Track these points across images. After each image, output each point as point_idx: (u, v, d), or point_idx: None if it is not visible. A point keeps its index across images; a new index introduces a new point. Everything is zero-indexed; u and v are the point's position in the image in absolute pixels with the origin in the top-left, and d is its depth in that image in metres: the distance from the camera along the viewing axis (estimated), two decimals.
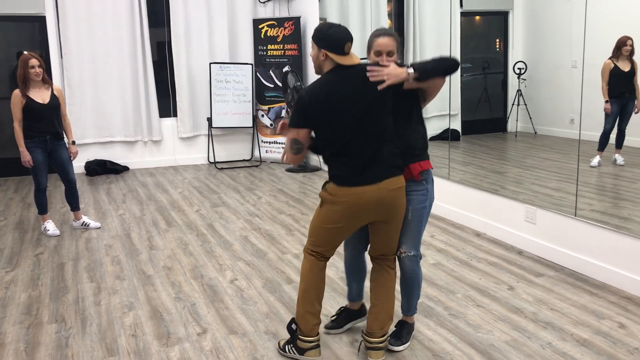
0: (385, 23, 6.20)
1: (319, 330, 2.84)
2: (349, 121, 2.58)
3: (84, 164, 7.88)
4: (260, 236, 4.91)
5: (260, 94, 8.37)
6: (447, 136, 5.27)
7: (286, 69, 8.00)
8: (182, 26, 8.03)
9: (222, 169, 8.07)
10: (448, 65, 2.65)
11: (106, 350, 3.02)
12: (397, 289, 3.59)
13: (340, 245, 3.58)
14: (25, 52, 4.80)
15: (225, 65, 8.11)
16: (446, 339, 3.07)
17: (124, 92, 7.95)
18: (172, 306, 3.55)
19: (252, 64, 8.27)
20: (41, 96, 4.81)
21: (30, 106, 4.75)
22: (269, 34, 8.17)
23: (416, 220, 2.81)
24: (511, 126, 4.56)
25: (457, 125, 5.19)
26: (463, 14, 4.98)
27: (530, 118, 4.35)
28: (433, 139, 5.41)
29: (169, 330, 3.23)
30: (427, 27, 5.47)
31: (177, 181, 7.26)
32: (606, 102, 3.70)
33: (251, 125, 8.28)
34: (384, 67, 2.60)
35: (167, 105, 8.30)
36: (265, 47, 8.24)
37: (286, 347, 2.90)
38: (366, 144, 2.59)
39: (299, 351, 2.84)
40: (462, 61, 5.04)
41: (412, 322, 3.06)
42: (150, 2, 7.98)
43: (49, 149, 4.93)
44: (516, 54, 4.43)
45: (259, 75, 8.34)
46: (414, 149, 2.77)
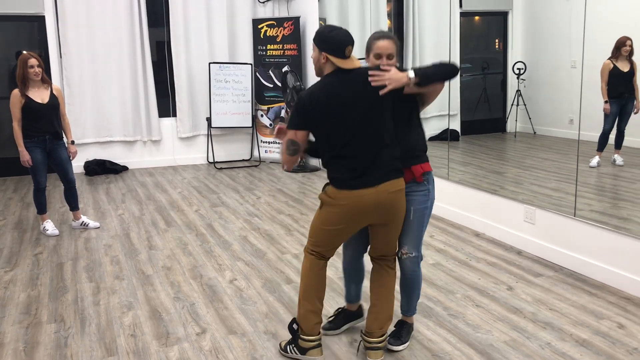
0: (385, 23, 6.20)
1: (320, 330, 2.84)
2: (349, 124, 2.58)
3: (83, 163, 7.88)
4: (260, 236, 4.91)
5: (260, 94, 8.36)
6: (446, 136, 5.27)
7: (285, 69, 8.00)
8: (181, 26, 8.02)
9: (221, 168, 8.07)
10: (448, 70, 2.66)
11: (105, 350, 3.02)
12: (396, 289, 3.59)
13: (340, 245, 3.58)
14: (25, 52, 4.80)
15: (225, 65, 8.11)
16: (445, 339, 3.07)
17: (124, 92, 7.94)
18: (171, 306, 3.55)
19: (251, 64, 8.27)
20: (40, 96, 4.81)
21: (30, 106, 4.74)
22: (268, 34, 8.17)
23: (417, 220, 2.81)
24: (510, 126, 4.56)
25: (456, 125, 5.19)
26: (462, 14, 4.98)
27: (530, 118, 4.35)
28: (432, 139, 5.42)
29: (168, 330, 3.23)
30: (426, 27, 5.47)
31: (176, 181, 7.26)
32: (605, 102, 3.70)
33: (250, 125, 8.28)
34: (385, 72, 2.60)
35: (166, 105, 8.30)
36: (264, 47, 8.23)
37: (288, 347, 2.90)
38: (366, 147, 2.59)
39: (300, 351, 2.84)
40: (462, 61, 5.04)
41: (411, 322, 3.06)
42: (149, 2, 7.98)
43: (48, 148, 4.92)
44: (515, 54, 4.43)
45: (258, 75, 8.34)
46: (414, 150, 2.79)
